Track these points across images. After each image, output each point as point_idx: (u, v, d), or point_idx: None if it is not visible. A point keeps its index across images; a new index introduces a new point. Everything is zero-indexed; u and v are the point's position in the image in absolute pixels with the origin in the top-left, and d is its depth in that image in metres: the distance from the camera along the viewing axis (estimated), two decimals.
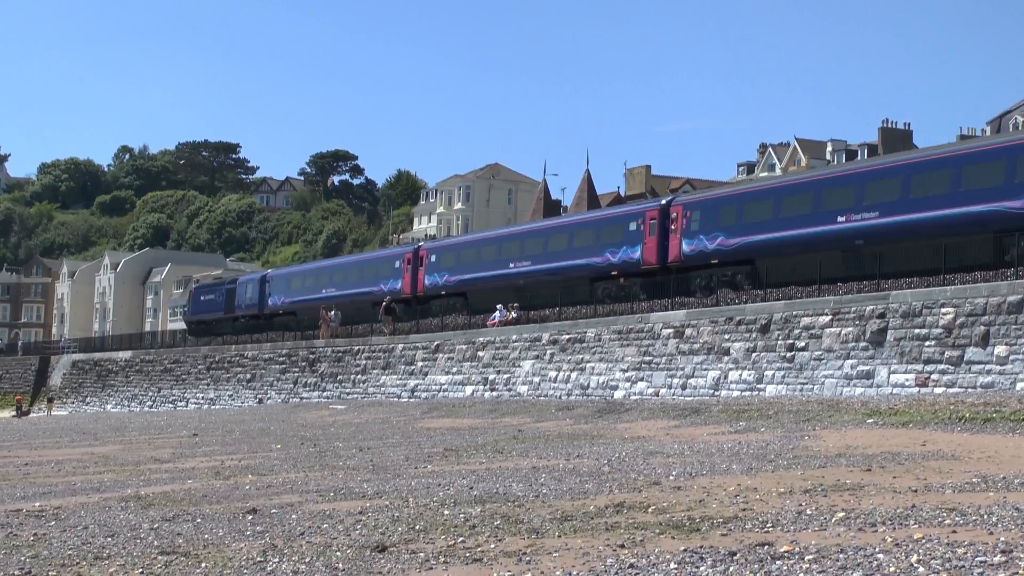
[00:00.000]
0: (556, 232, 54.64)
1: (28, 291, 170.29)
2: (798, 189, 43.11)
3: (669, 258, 46.15)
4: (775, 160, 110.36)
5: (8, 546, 12.25)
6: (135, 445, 31.47)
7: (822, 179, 42.67)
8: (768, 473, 15.42)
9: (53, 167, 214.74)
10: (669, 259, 46.06)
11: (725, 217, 44.37)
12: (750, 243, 42.77)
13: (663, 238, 46.34)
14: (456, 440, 25.77)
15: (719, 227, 44.27)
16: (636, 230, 47.78)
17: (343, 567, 9.96)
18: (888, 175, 39.15)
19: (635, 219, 48.42)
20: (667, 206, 47.31)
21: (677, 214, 46.16)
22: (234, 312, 78.21)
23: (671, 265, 45.99)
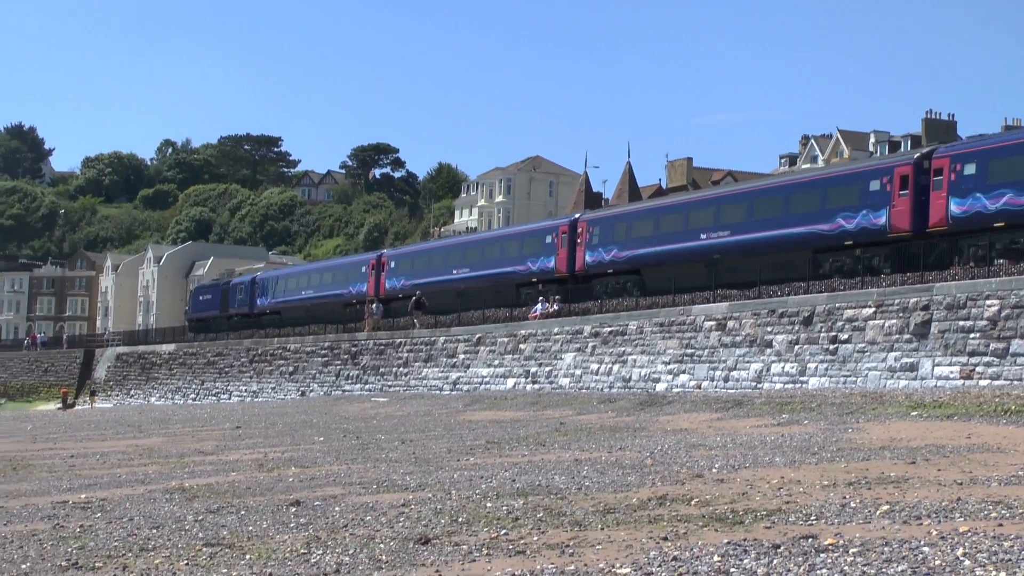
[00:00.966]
0: (487, 243, 63.65)
1: (72, 285, 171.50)
2: (672, 210, 50.61)
3: (576, 267, 53.13)
4: (817, 152, 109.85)
5: (55, 537, 12.36)
6: (179, 437, 31.66)
7: (689, 202, 51.25)
8: (811, 466, 15.35)
9: (97, 161, 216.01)
10: (576, 268, 53.08)
11: (618, 233, 51.26)
12: (636, 255, 49.98)
13: (572, 250, 53.12)
14: (498, 433, 25.79)
15: (613, 241, 51.19)
16: (551, 243, 54.60)
17: (386, 559, 9.99)
18: (737, 200, 46.73)
19: (550, 233, 55.49)
20: (575, 222, 54.34)
21: (582, 229, 53.09)
22: (228, 311, 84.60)
23: (578, 274, 53.10)
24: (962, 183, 36.76)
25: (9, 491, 18.02)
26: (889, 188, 39.26)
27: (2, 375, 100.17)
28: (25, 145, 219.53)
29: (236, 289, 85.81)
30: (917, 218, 38.17)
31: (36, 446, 30.95)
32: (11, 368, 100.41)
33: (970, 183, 36.47)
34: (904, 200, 38.50)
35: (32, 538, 12.40)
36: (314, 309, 72.73)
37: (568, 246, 52.68)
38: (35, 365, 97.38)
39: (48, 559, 10.93)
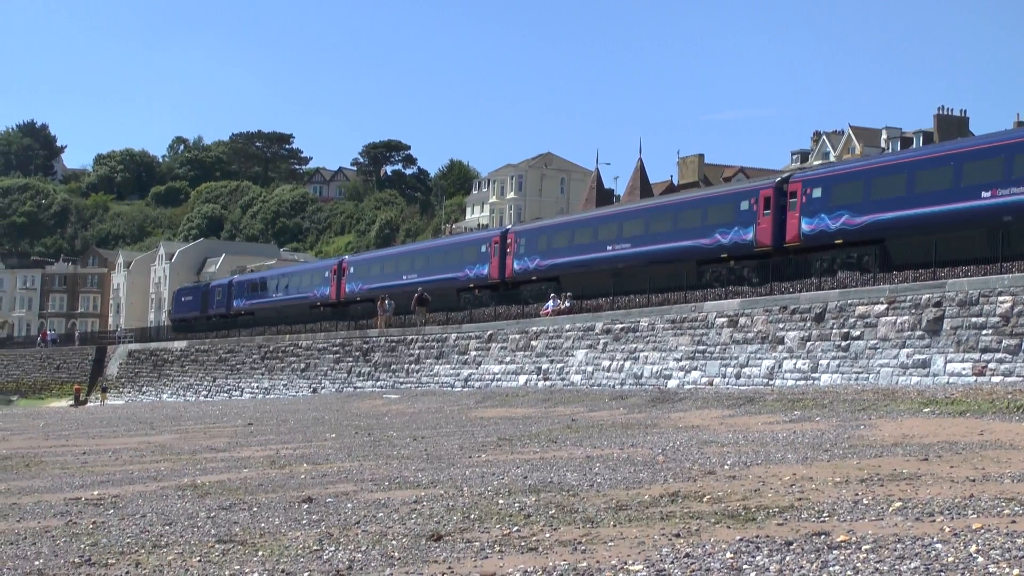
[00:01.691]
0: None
1: (85, 281, 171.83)
2: (584, 224, 56.63)
3: (506, 274, 58.20)
4: (829, 148, 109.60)
5: (68, 534, 12.39)
6: (191, 434, 31.71)
7: (598, 217, 57.34)
8: (824, 462, 15.34)
9: (109, 158, 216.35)
10: (506, 275, 58.09)
11: (540, 244, 56.64)
12: (556, 264, 55.59)
13: (502, 258, 57.73)
14: (510, 429, 25.79)
15: (536, 252, 56.34)
16: (485, 251, 59.74)
17: (399, 556, 10.00)
18: (636, 216, 53.07)
19: (484, 243, 60.50)
20: (505, 233, 59.76)
21: (511, 240, 58.41)
22: (208, 312, 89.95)
23: (508, 280, 58.31)
24: (811, 205, 42.77)
25: (22, 488, 18.06)
26: (755, 208, 45.13)
27: (15, 372, 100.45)
28: (37, 142, 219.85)
29: (215, 291, 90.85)
30: (777, 235, 43.84)
31: (49, 443, 31.01)
32: (24, 365, 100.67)
33: (817, 205, 42.52)
34: (767, 219, 44.27)
35: (45, 535, 12.44)
36: (284, 310, 77.74)
37: (499, 255, 57.98)
38: (47, 362, 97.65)
39: (61, 555, 10.96)
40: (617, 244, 52.00)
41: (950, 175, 38.05)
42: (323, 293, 74.35)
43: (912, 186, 39.05)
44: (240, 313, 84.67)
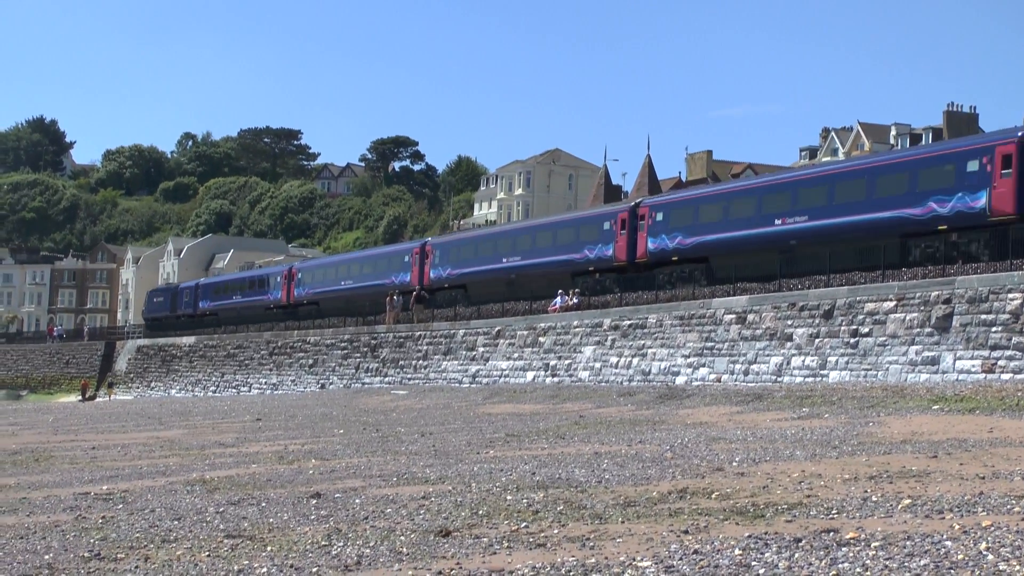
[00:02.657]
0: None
1: (93, 277, 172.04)
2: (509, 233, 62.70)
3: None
4: (838, 144, 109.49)
5: (78, 528, 12.41)
6: (199, 429, 31.74)
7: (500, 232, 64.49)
8: (832, 459, 15.32)
9: (117, 154, 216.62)
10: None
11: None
12: (462, 274, 61.07)
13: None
14: (518, 426, 25.79)
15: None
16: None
17: (407, 551, 10.00)
18: (523, 233, 59.99)
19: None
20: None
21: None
22: (177, 312, 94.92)
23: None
24: (655, 227, 48.89)
25: (32, 482, 18.09)
26: (614, 228, 51.19)
27: (24, 367, 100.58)
28: (46, 138, 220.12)
29: (183, 292, 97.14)
30: (631, 252, 49.96)
31: (58, 438, 31.05)
32: (33, 360, 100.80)
33: (659, 227, 48.71)
34: (623, 238, 50.37)
35: (55, 529, 12.46)
36: (242, 311, 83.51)
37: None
38: (56, 357, 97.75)
39: (71, 550, 10.97)
40: (511, 257, 58.74)
41: (754, 205, 45.03)
42: (276, 296, 79.01)
43: (727, 213, 46.02)
44: (205, 313, 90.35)
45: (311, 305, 74.33)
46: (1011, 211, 34.80)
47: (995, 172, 35.42)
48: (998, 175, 35.33)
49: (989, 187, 35.51)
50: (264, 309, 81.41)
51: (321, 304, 73.29)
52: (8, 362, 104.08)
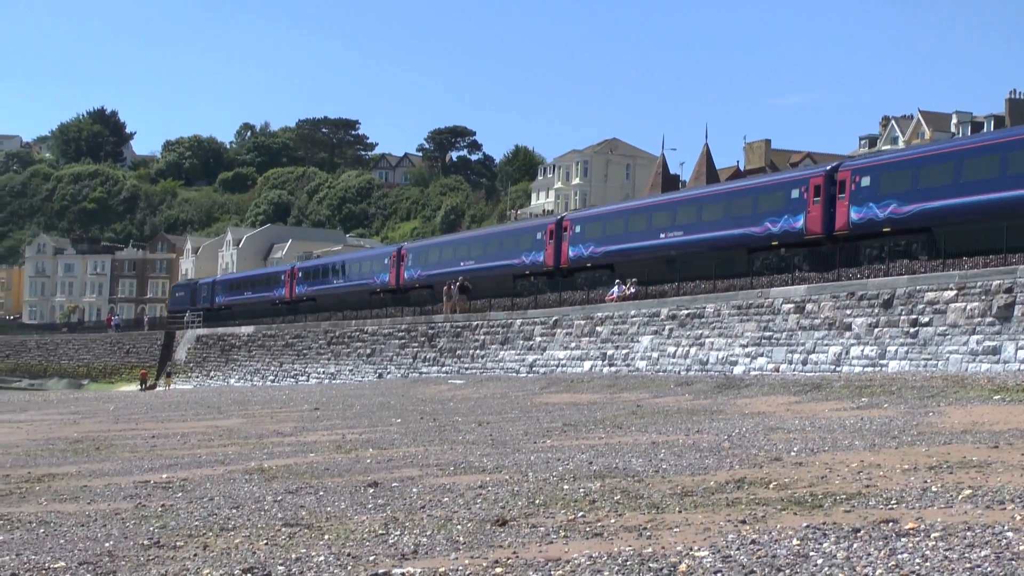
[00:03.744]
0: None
1: (153, 267, 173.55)
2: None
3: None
4: (898, 133, 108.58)
5: (137, 516, 12.53)
6: (258, 419, 31.93)
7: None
8: (891, 450, 15.19)
9: (177, 145, 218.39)
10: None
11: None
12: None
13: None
14: (575, 415, 25.77)
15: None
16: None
17: (464, 540, 10.00)
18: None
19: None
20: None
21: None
22: (196, 306, 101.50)
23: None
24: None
25: (93, 470, 18.28)
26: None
27: (85, 356, 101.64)
28: (107, 129, 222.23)
29: (201, 288, 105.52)
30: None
31: (118, 426, 31.35)
32: (94, 350, 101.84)
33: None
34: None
35: (115, 517, 12.58)
36: (252, 306, 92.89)
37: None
38: (117, 347, 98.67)
39: (131, 537, 11.07)
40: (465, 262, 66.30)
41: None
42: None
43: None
44: (220, 308, 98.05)
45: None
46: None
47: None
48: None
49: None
50: (271, 304, 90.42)
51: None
52: (70, 351, 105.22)
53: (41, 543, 11.07)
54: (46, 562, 9.94)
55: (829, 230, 43.22)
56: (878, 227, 41.44)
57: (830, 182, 43.32)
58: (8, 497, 15.11)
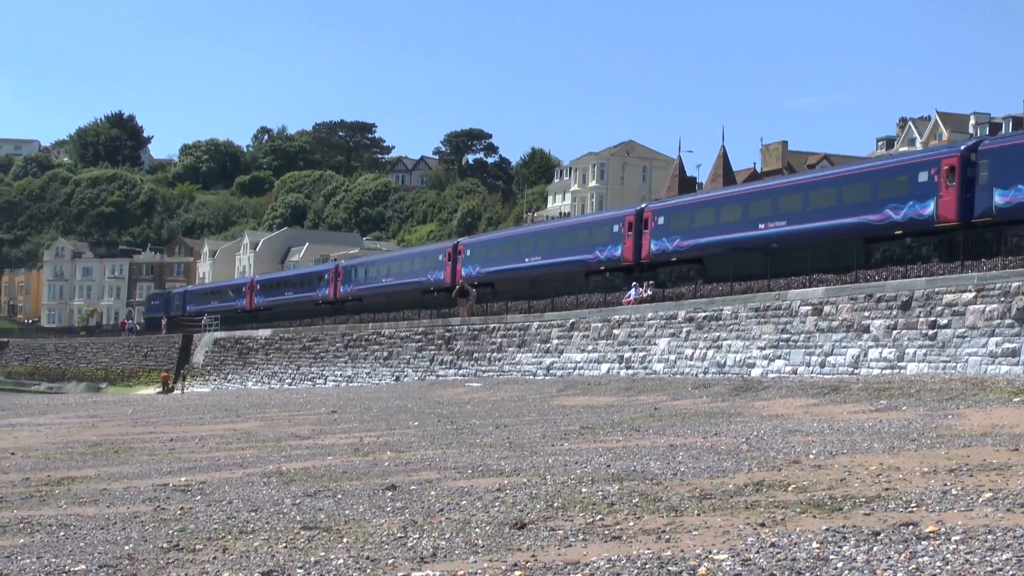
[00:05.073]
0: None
1: (171, 270, 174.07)
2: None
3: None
4: (915, 134, 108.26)
5: (157, 519, 12.55)
6: (275, 422, 31.98)
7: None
8: (911, 452, 15.14)
9: (194, 148, 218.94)
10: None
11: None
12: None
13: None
14: (592, 418, 25.75)
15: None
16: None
17: (482, 543, 10.00)
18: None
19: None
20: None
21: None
22: (170, 313, 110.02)
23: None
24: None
25: (112, 474, 18.32)
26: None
27: (104, 359, 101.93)
28: (125, 133, 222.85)
29: (174, 297, 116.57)
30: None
31: (137, 430, 31.43)
32: (112, 353, 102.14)
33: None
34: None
35: (134, 520, 12.61)
36: (220, 312, 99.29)
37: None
38: (135, 350, 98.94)
39: (150, 540, 11.09)
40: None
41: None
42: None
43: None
44: (192, 315, 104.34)
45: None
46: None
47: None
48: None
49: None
50: (236, 312, 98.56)
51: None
52: (88, 355, 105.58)
53: (61, 546, 11.11)
54: (67, 565, 9.98)
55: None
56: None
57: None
58: (28, 500, 15.16)
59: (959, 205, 38.94)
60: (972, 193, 38.68)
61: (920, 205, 40.39)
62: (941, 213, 39.62)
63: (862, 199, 43.15)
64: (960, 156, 39.54)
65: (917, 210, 40.49)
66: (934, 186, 39.92)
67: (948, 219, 39.44)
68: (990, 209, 38.03)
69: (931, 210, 39.97)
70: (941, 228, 40.10)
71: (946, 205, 39.35)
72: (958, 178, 38.99)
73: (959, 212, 38.99)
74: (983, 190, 38.29)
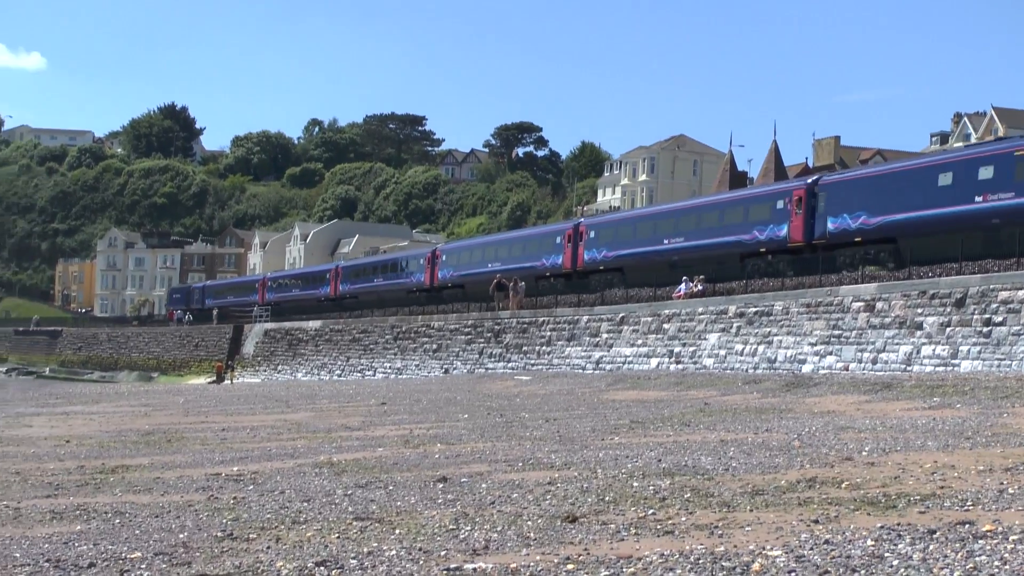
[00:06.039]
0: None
1: (222, 261, 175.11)
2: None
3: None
4: (970, 130, 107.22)
5: (210, 508, 12.64)
6: (326, 413, 32.11)
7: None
8: (966, 450, 15.02)
9: (246, 140, 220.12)
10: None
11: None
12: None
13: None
14: (642, 412, 25.70)
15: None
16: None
17: (534, 536, 10.00)
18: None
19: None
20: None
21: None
22: (190, 306, 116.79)
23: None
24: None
25: (165, 463, 18.47)
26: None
27: (155, 349, 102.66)
28: (177, 125, 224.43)
29: (194, 291, 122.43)
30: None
31: (189, 419, 31.65)
32: (164, 343, 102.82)
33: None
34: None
35: (188, 508, 12.70)
36: (234, 308, 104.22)
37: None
38: (186, 340, 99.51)
39: (204, 529, 11.17)
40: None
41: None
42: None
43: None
44: (210, 309, 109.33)
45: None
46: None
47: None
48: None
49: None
50: (243, 307, 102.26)
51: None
52: (140, 344, 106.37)
53: (117, 533, 11.21)
54: (122, 552, 10.06)
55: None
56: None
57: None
58: (84, 487, 15.31)
59: (805, 229, 46.64)
60: (814, 219, 46.45)
61: (777, 228, 48.14)
62: (792, 235, 47.30)
63: (738, 221, 50.97)
64: (806, 188, 47.36)
65: (775, 232, 48.23)
66: (788, 213, 47.63)
67: (797, 240, 47.12)
68: (824, 233, 45.82)
69: (785, 232, 47.66)
70: (792, 247, 47.54)
71: (796, 229, 47.11)
72: (804, 207, 46.81)
73: (805, 234, 46.65)
74: (820, 217, 46.13)
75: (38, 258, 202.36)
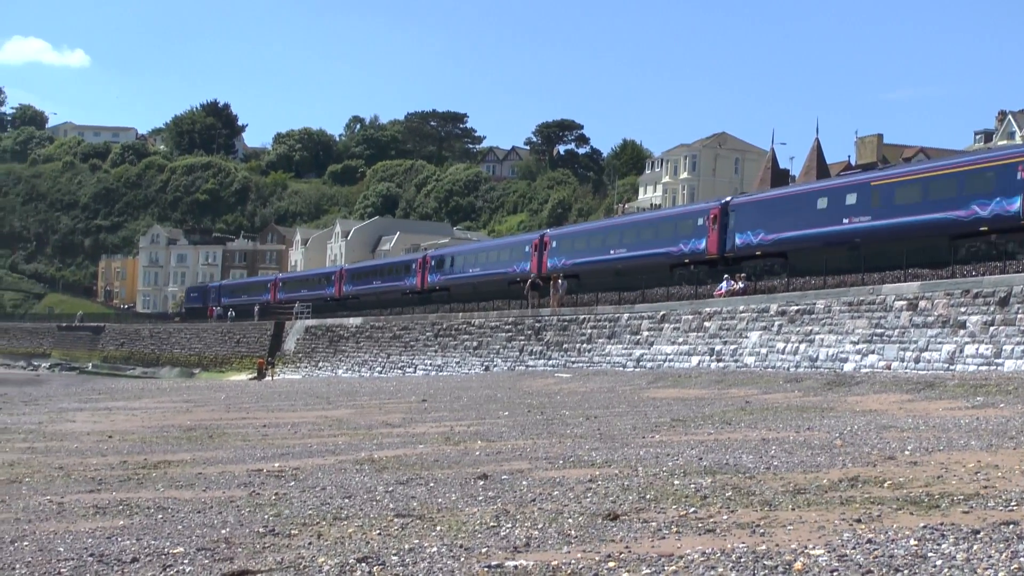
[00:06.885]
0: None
1: (264, 258, 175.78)
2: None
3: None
4: (1015, 127, 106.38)
5: (252, 504, 12.70)
6: (366, 409, 32.19)
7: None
8: (1010, 450, 14.91)
9: (287, 137, 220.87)
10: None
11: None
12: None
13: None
14: (683, 410, 25.64)
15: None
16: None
17: (575, 534, 10.00)
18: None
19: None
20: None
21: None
22: (207, 305, 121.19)
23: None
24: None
25: (207, 458, 18.57)
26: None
27: (197, 345, 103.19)
28: (220, 122, 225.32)
29: (211, 290, 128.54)
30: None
31: (230, 415, 31.80)
32: (205, 339, 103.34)
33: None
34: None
35: (230, 504, 12.77)
36: (248, 306, 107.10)
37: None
38: (227, 336, 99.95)
39: (246, 525, 11.23)
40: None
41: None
42: (692, 247, 59.47)
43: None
44: (226, 307, 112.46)
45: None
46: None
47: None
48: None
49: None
50: (259, 306, 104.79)
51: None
52: (182, 340, 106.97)
53: (160, 528, 11.28)
54: (165, 547, 10.13)
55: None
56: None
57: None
58: (126, 483, 15.42)
59: (719, 243, 53.81)
60: (726, 235, 53.57)
61: (698, 242, 55.36)
62: (709, 248, 54.58)
63: (668, 235, 58.37)
64: (720, 208, 54.40)
65: (696, 245, 55.47)
66: (706, 228, 54.78)
67: (712, 252, 54.32)
68: (733, 247, 53.25)
69: (704, 245, 54.84)
70: (709, 259, 54.63)
71: (712, 243, 54.36)
72: (718, 224, 53.94)
73: (719, 248, 53.84)
74: (731, 233, 53.39)
75: (81, 254, 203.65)
